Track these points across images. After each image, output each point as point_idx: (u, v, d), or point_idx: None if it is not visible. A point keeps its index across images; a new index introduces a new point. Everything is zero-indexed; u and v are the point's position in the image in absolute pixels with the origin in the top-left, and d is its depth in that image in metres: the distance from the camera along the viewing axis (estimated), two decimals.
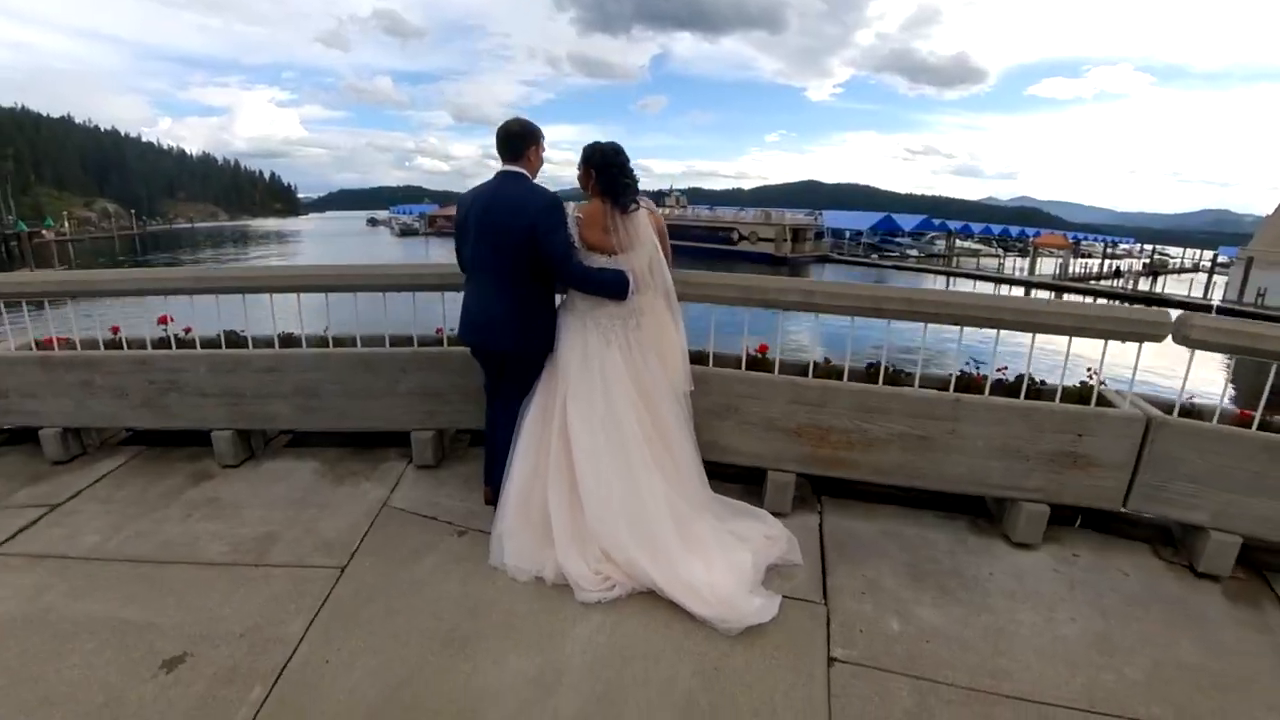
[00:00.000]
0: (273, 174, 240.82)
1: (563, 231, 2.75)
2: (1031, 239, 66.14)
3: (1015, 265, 52.81)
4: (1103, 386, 3.24)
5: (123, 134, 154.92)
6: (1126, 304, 39.80)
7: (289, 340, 3.77)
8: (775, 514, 3.31)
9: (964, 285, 47.22)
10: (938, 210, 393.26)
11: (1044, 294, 44.41)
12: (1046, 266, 51.82)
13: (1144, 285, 45.04)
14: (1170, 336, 3.03)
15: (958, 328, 3.20)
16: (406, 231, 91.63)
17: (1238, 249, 57.19)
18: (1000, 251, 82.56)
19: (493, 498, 3.09)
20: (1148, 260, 77.16)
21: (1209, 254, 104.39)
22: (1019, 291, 45.22)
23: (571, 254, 2.78)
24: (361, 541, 3.09)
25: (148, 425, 3.90)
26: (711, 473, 3.24)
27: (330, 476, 3.69)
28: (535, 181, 2.88)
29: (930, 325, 3.27)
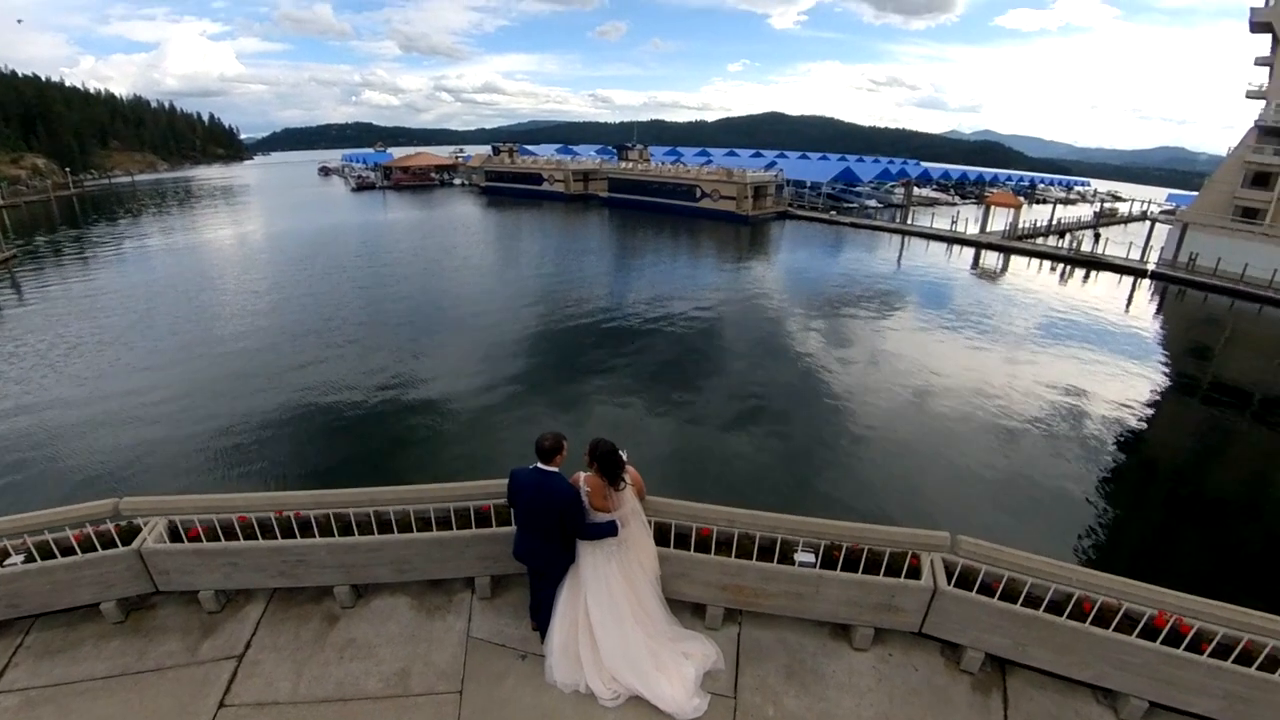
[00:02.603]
0: (212, 116, 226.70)
1: (580, 514, 4.57)
2: (986, 196, 68.29)
3: (968, 222, 54.88)
4: (914, 560, 5.18)
5: (44, 79, 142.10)
6: (1072, 266, 42.79)
7: (386, 525, 5.51)
8: (710, 628, 5.32)
9: (918, 245, 49.54)
10: (901, 144, 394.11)
11: (993, 255, 47.05)
12: (1000, 222, 54.13)
13: (1088, 246, 47.61)
14: (943, 554, 4.99)
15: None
16: (363, 185, 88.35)
17: (1175, 209, 60.16)
18: (957, 199, 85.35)
19: (536, 627, 5.14)
20: (1099, 208, 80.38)
21: (1162, 195, 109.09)
22: (969, 252, 47.73)
23: (584, 523, 4.60)
24: (464, 669, 4.99)
25: (282, 586, 5.62)
26: (675, 602, 5.22)
27: (423, 611, 5.54)
28: (557, 466, 4.64)
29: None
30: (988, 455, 16.14)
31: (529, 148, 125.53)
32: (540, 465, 4.59)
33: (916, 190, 77.46)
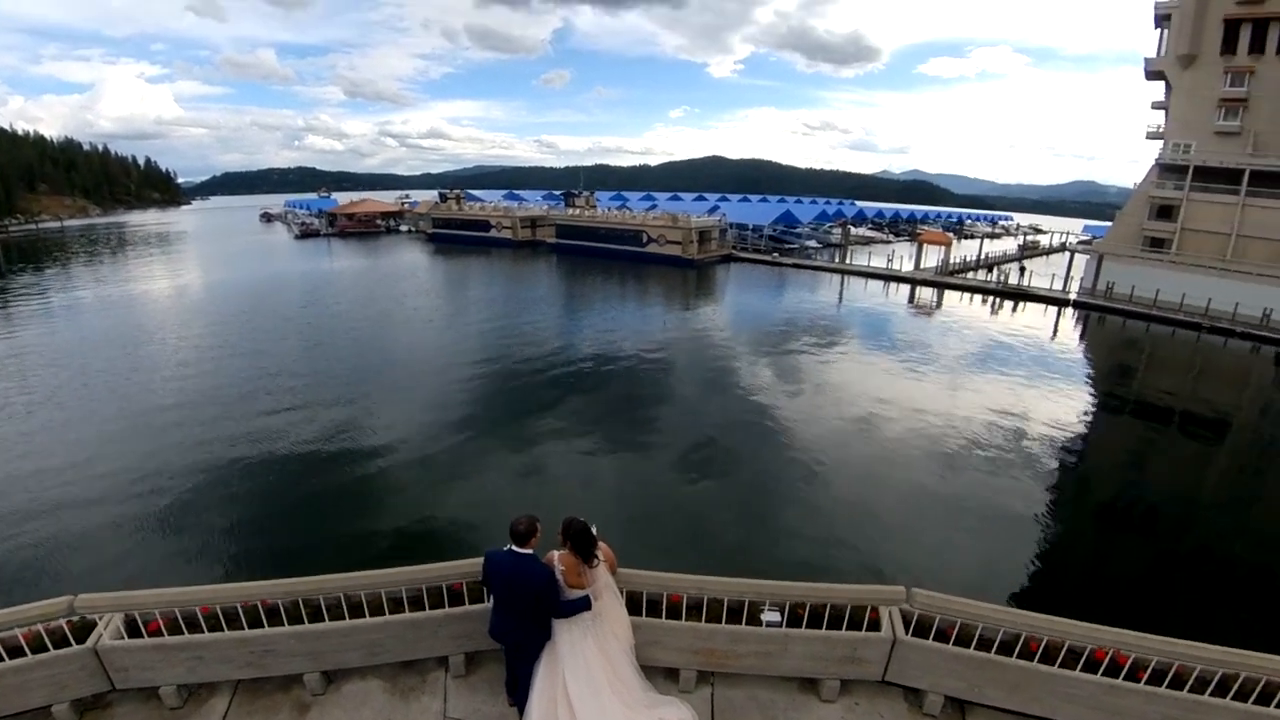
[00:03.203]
0: (148, 159, 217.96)
1: (555, 595, 4.69)
2: (917, 235, 71.53)
3: (902, 259, 57.32)
4: (874, 614, 5.44)
5: None
6: (1001, 299, 45.09)
7: (356, 608, 5.49)
8: (684, 691, 5.44)
9: (857, 283, 51.45)
10: (836, 184, 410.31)
11: (928, 290, 49.17)
12: (932, 258, 56.80)
13: (1014, 278, 50.38)
14: (899, 605, 5.27)
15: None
16: (307, 233, 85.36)
17: (1091, 240, 64.37)
18: (891, 237, 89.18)
19: (513, 704, 5.18)
20: (1022, 241, 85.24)
21: (1079, 226, 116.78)
22: (906, 288, 49.77)
23: (559, 602, 4.71)
24: None
25: (249, 677, 5.49)
26: (648, 668, 5.32)
27: (396, 693, 5.48)
28: (532, 548, 4.76)
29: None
30: (934, 483, 16.79)
31: (475, 193, 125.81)
32: (515, 548, 4.71)
33: (853, 230, 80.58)
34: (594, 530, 4.80)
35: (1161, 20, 50.43)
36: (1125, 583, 12.97)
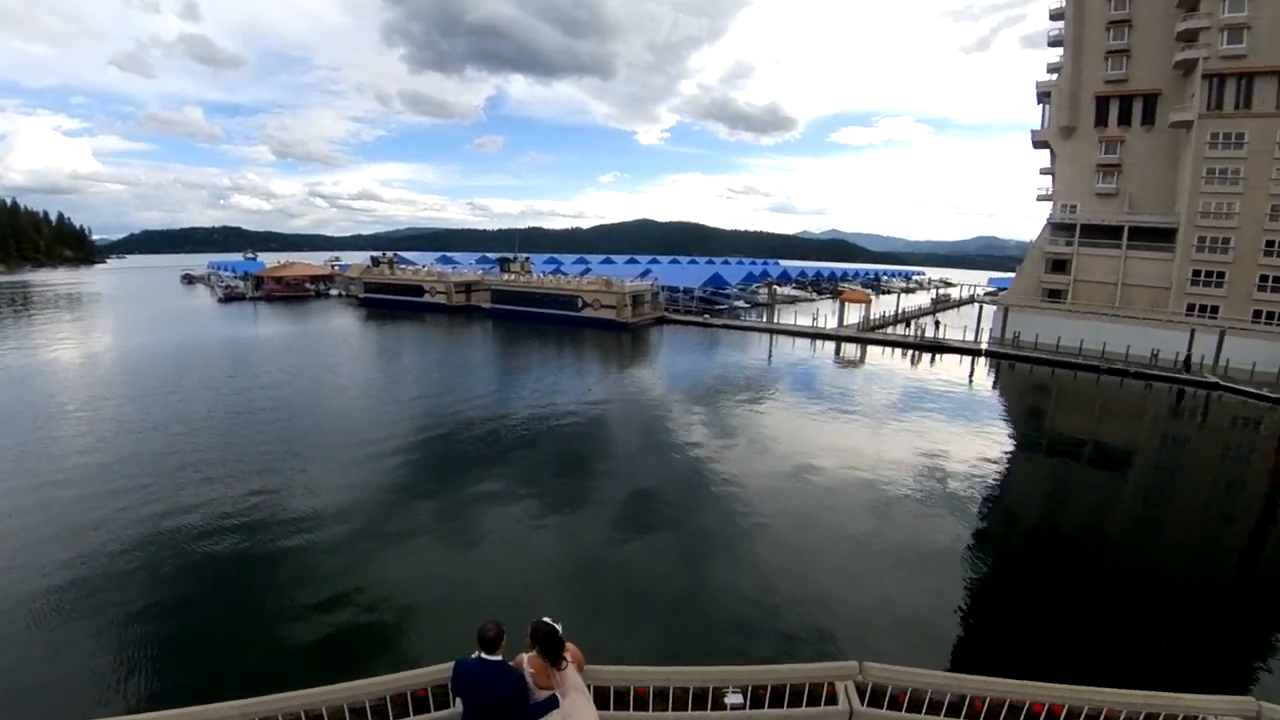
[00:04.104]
0: (61, 215, 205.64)
1: (526, 700, 4.73)
2: (839, 293, 75.21)
3: (826, 316, 59.86)
4: (830, 688, 5.68)
5: None
6: (919, 351, 47.56)
7: None
8: None
9: (786, 341, 53.34)
10: (760, 245, 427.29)
11: (852, 346, 51.38)
12: (854, 314, 59.61)
13: (930, 331, 53.28)
14: (854, 679, 5.54)
15: None
16: (231, 296, 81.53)
17: (997, 293, 69.25)
18: (815, 295, 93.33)
19: None
20: (934, 295, 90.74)
21: (984, 278, 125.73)
22: (831, 345, 51.88)
23: (529, 706, 4.75)
24: None
25: None
26: None
27: None
28: (500, 653, 4.81)
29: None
30: (870, 530, 17.45)
31: (407, 255, 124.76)
32: (484, 655, 4.75)
33: (779, 289, 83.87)
34: (560, 631, 4.89)
35: (1043, 96, 56.35)
36: (1054, 618, 13.66)
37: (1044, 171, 59.67)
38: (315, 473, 21.02)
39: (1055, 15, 56.83)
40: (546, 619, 4.90)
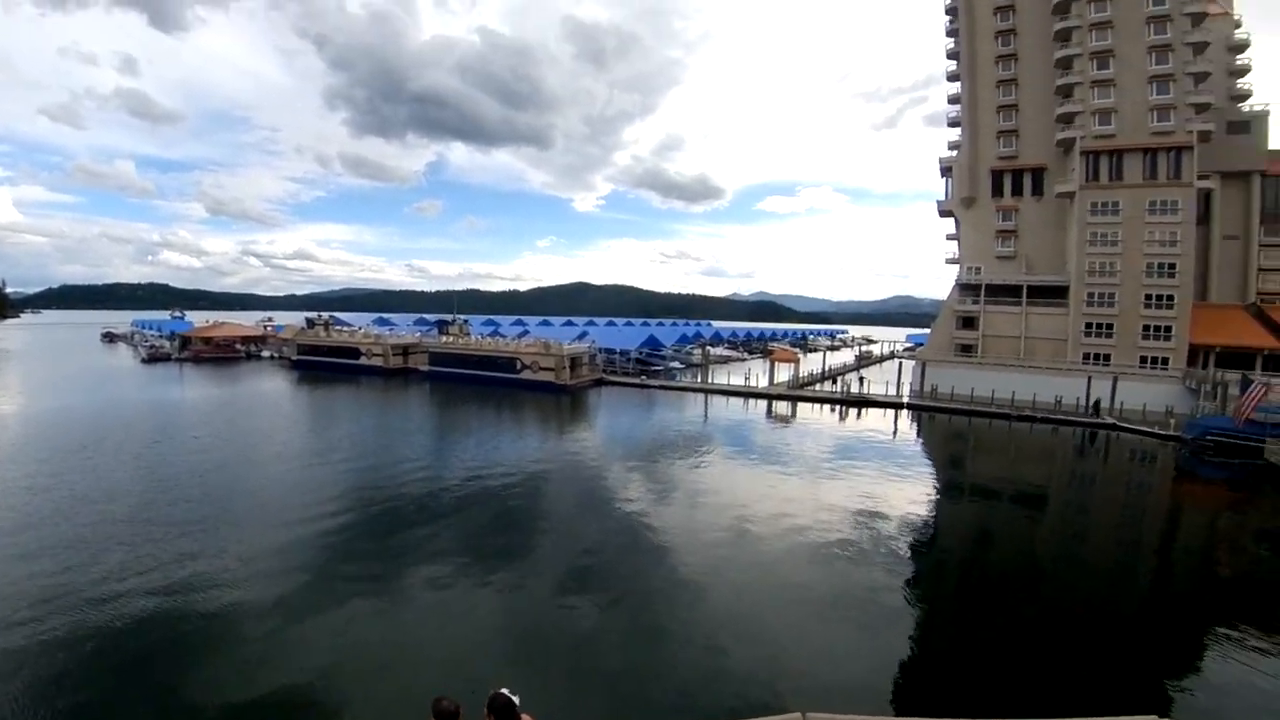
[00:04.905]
0: None
1: None
2: (769, 352, 78.00)
3: (758, 375, 61.90)
4: None
5: None
6: (846, 406, 49.67)
7: None
8: None
9: (720, 400, 54.76)
10: (693, 307, 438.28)
11: (783, 404, 53.17)
12: (783, 372, 61.93)
13: (855, 386, 55.80)
14: None
15: None
16: (156, 356, 77.32)
17: (915, 349, 73.49)
18: (746, 355, 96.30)
19: None
20: (858, 352, 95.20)
21: (903, 334, 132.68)
22: (763, 403, 53.57)
23: None
24: None
25: None
26: None
27: None
28: None
29: None
30: (809, 580, 17.89)
31: (343, 316, 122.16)
32: None
33: (712, 350, 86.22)
34: (517, 703, 5.04)
35: (946, 171, 61.99)
36: (986, 654, 14.51)
37: (950, 237, 64.74)
38: (244, 540, 20.14)
39: (953, 99, 63.08)
40: (504, 690, 5.01)
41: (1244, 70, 55.97)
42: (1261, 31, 65.54)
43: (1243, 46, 56.25)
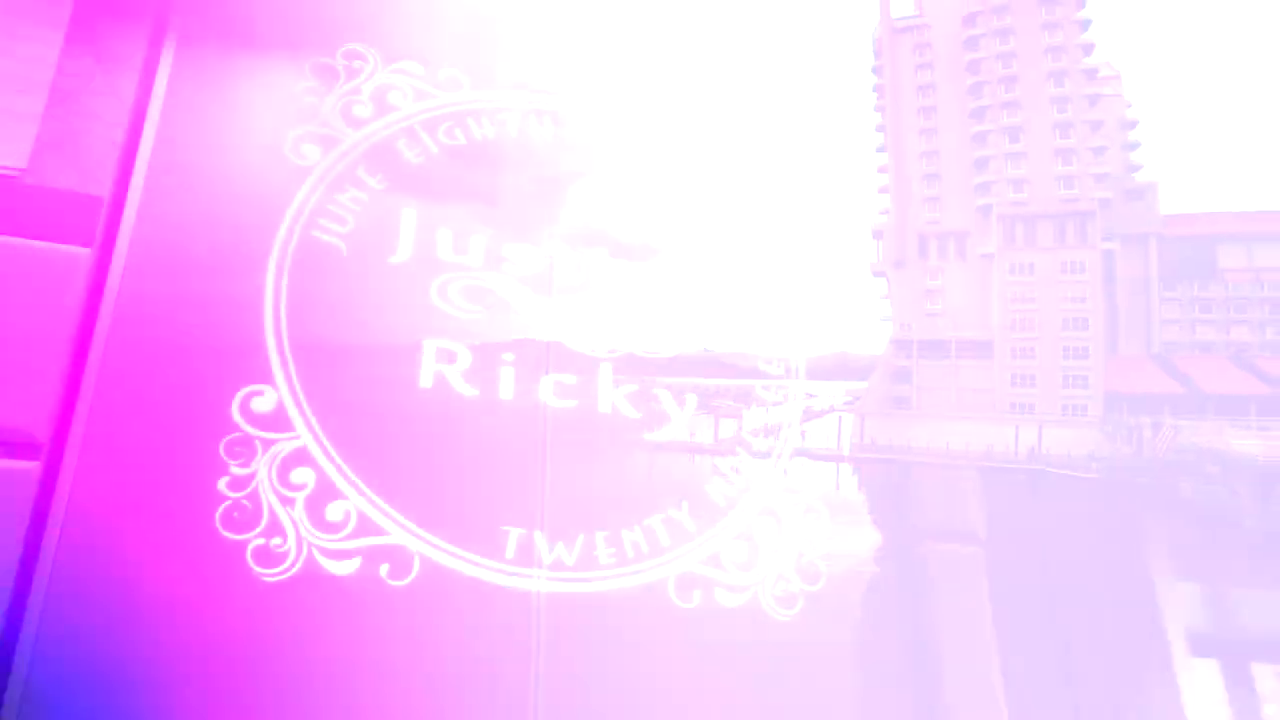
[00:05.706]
0: None
1: None
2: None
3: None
4: None
5: None
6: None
7: None
8: None
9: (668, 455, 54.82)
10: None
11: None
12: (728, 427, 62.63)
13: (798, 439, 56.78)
14: None
15: None
16: None
17: (855, 401, 75.55)
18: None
19: None
20: (804, 405, 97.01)
21: (842, 389, 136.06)
22: (712, 456, 54.02)
23: None
24: None
25: None
26: None
27: None
28: None
29: None
30: (757, 639, 17.80)
31: None
32: None
33: None
34: None
35: (877, 234, 64.59)
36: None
37: (884, 297, 67.44)
38: None
39: (881, 168, 66.65)
40: None
41: (1135, 145, 61.45)
42: (1148, 110, 72.08)
43: (1133, 124, 61.92)
